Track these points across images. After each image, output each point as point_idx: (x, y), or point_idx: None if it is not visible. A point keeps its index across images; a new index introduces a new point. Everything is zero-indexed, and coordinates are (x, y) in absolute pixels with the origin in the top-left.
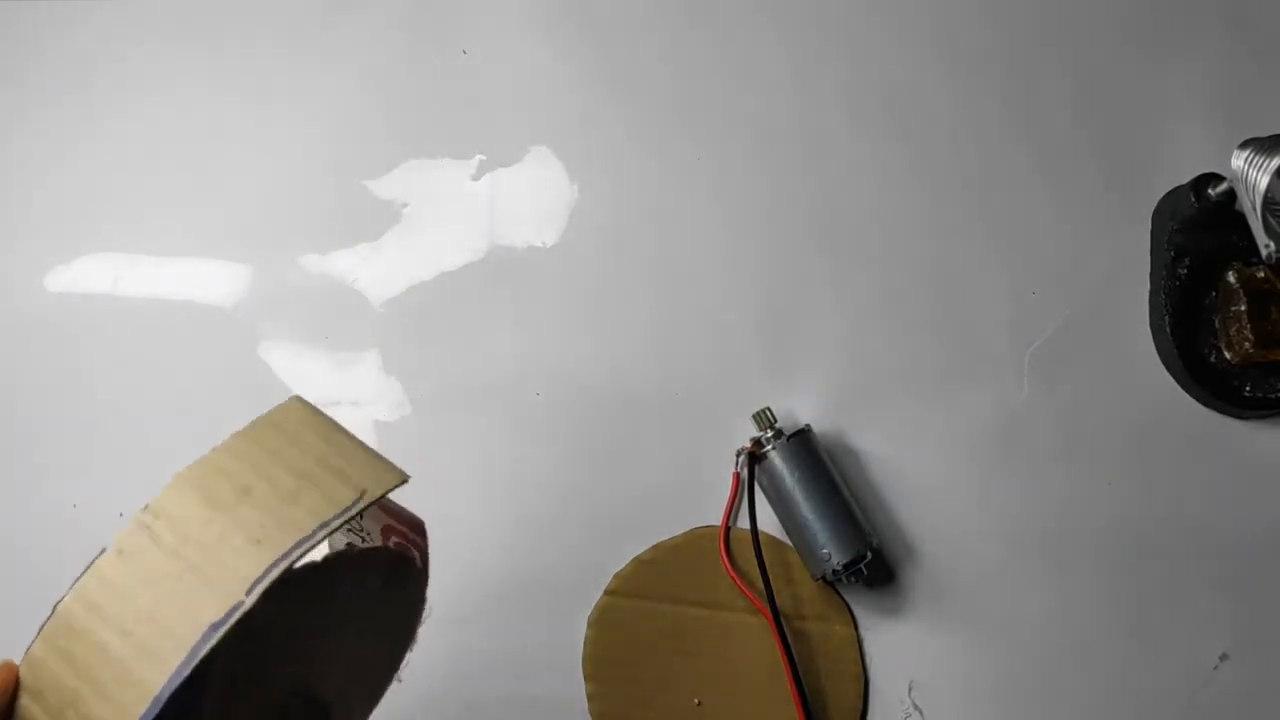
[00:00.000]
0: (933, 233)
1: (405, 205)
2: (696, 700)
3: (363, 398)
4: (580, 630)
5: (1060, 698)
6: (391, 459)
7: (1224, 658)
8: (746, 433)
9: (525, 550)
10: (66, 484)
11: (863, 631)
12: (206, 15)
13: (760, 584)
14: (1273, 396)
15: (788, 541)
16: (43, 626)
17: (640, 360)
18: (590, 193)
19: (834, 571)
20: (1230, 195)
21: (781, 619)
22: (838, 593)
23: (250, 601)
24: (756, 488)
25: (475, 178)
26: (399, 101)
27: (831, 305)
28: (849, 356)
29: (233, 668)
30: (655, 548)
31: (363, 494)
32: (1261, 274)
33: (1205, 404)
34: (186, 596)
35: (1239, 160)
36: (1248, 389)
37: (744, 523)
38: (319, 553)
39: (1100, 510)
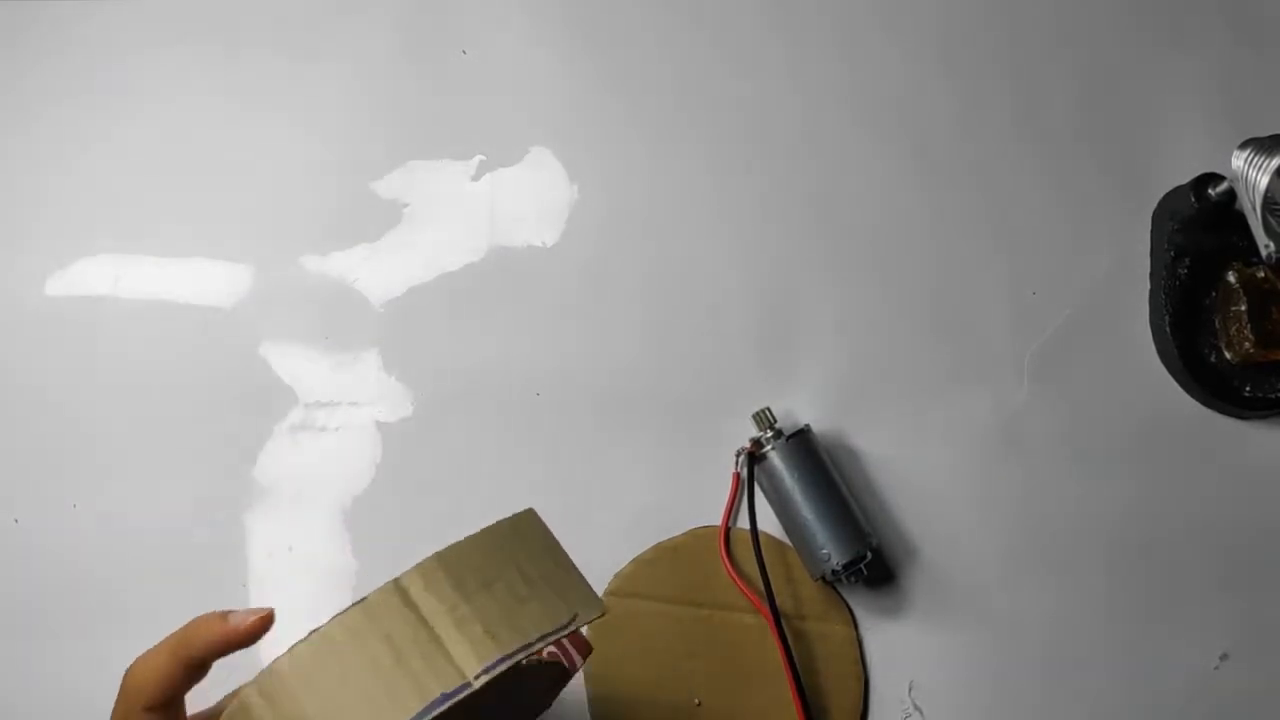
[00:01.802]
0: (933, 232)
1: (405, 205)
2: (696, 700)
3: (363, 398)
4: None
5: (1060, 697)
6: (392, 459)
7: (1224, 658)
8: (746, 433)
9: None
10: (66, 484)
11: (863, 631)
12: (205, 16)
13: (760, 584)
14: (1273, 396)
15: (788, 541)
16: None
17: (640, 360)
18: (590, 192)
19: (834, 571)
20: (1230, 195)
21: (781, 619)
22: (838, 593)
23: (477, 685)
24: (756, 488)
25: (475, 178)
26: (399, 101)
27: (831, 305)
28: (849, 356)
29: None
30: (655, 548)
31: (575, 618)
32: (1261, 274)
33: (1205, 404)
34: (422, 662)
35: (1239, 160)
36: (1248, 389)
37: (744, 523)
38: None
39: (1100, 510)
